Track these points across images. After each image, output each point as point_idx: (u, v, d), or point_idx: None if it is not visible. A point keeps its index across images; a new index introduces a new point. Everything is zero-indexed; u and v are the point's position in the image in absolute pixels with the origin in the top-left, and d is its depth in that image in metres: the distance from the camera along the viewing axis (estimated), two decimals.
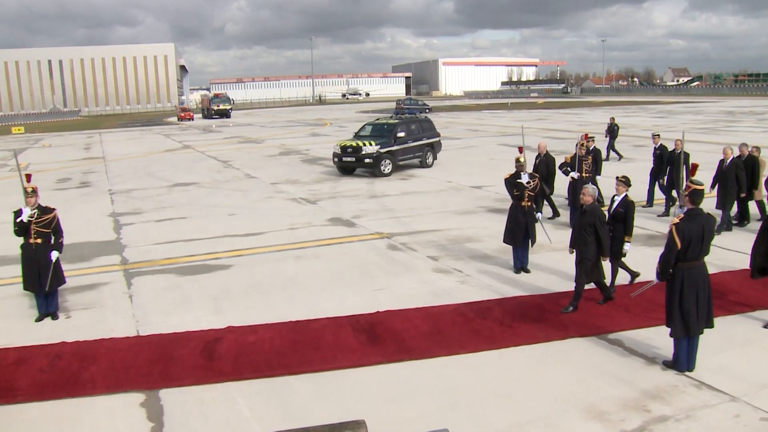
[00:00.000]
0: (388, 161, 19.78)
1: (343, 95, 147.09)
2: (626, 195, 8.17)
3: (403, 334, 7.27)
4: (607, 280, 8.11)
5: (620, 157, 21.62)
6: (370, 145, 19.63)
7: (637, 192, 11.15)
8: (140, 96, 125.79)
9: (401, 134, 20.30)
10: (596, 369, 6.32)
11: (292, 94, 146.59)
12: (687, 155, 12.92)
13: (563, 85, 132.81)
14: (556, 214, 12.95)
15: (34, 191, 8.07)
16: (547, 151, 12.85)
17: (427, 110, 58.17)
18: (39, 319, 8.17)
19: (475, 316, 7.76)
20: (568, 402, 5.70)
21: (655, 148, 13.81)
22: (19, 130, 57.26)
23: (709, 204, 9.27)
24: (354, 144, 19.90)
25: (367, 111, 70.52)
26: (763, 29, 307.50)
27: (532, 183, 9.51)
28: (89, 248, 11.92)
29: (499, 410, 5.62)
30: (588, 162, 12.69)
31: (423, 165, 21.29)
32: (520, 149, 9.83)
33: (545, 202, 12.53)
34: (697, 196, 6.04)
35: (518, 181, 9.49)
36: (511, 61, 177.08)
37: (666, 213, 12.96)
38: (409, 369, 6.47)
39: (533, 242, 9.63)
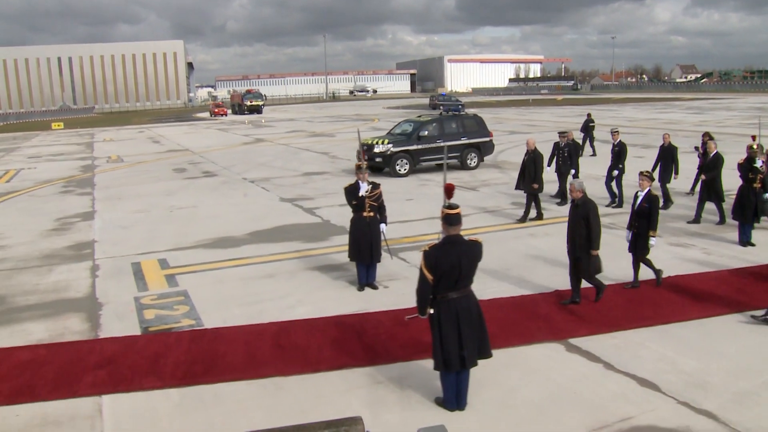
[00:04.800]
0: (404, 161, 19.29)
1: (351, 92, 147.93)
2: (650, 190, 8.46)
3: (691, 291, 8.38)
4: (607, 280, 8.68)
5: (594, 153, 22.51)
6: (382, 143, 19.41)
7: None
8: (149, 93, 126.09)
9: (425, 133, 19.67)
10: None
11: (298, 92, 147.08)
12: (675, 149, 13.49)
13: (572, 82, 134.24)
14: (539, 215, 12.84)
15: (367, 167, 9.08)
16: (535, 148, 12.88)
17: (461, 108, 59.04)
18: (361, 289, 9.07)
19: (744, 281, 8.75)
20: None
21: (613, 144, 14.14)
22: (58, 125, 57.87)
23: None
24: (368, 142, 19.79)
25: (396, 107, 71.42)
26: (764, 25, 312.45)
27: (765, 166, 10.59)
28: (312, 230, 12.85)
29: None
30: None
31: (463, 167, 20.14)
32: (753, 137, 10.94)
33: (533, 202, 12.75)
34: None
35: (754, 165, 10.57)
36: (515, 57, 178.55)
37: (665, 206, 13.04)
38: (704, 326, 7.39)
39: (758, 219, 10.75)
